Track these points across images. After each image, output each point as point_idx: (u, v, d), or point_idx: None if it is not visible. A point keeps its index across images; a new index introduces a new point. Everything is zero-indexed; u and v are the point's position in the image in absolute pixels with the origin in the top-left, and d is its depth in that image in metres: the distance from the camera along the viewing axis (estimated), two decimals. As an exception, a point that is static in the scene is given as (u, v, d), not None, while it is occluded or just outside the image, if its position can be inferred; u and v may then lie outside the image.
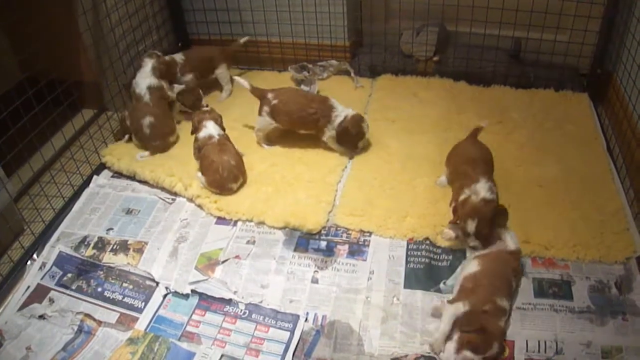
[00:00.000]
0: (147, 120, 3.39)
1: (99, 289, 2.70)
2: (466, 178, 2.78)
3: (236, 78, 3.63)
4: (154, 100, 3.49)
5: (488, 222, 2.60)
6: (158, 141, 3.44)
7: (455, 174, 2.95)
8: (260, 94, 3.44)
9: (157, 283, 2.70)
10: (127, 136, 3.58)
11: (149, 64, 3.56)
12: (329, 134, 3.34)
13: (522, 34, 3.82)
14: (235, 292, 2.63)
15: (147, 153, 3.42)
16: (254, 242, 2.89)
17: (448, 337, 2.31)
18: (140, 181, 3.31)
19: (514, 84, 3.92)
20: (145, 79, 3.52)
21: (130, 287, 2.71)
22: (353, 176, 3.23)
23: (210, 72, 4.00)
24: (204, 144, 3.19)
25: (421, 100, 3.85)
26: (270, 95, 3.40)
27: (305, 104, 3.35)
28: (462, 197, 2.72)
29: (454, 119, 3.63)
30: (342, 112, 3.32)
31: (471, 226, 2.59)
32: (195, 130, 3.26)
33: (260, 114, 3.42)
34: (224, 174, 3.09)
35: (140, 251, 2.88)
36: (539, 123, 3.57)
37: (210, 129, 3.23)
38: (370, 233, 2.89)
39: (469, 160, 2.90)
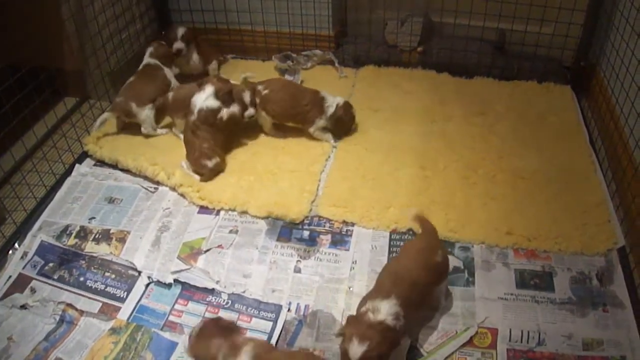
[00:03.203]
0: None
1: (81, 279, 2.69)
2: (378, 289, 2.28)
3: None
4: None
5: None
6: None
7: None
8: (250, 85, 3.43)
9: (140, 272, 2.69)
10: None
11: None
12: (318, 124, 3.35)
13: (506, 25, 3.83)
14: (217, 282, 2.63)
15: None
16: (236, 232, 2.88)
17: None
18: (122, 170, 3.28)
19: (498, 75, 3.93)
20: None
21: (113, 276, 2.69)
22: (336, 166, 3.24)
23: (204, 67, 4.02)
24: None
25: (405, 91, 3.85)
26: (260, 87, 3.40)
27: (298, 96, 3.37)
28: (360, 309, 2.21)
29: (438, 110, 3.64)
30: (332, 102, 3.35)
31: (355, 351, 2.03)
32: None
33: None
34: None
35: (122, 240, 2.87)
36: (521, 115, 3.58)
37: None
38: (354, 224, 2.89)
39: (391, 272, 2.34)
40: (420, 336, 2.36)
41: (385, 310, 2.10)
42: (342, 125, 3.42)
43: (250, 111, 3.35)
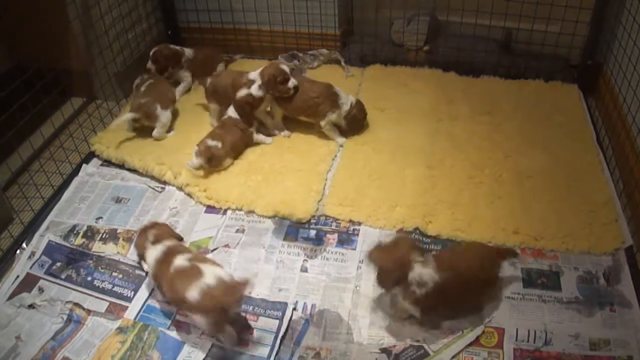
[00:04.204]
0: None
1: (89, 278, 2.69)
2: None
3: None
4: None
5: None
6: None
7: None
8: None
9: (147, 272, 2.69)
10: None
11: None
12: (330, 118, 3.34)
13: (513, 24, 3.82)
14: (224, 282, 2.63)
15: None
16: (243, 231, 2.89)
17: None
18: (129, 169, 3.29)
19: (505, 74, 3.92)
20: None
21: (120, 276, 2.70)
22: (343, 166, 3.23)
23: (208, 70, 3.97)
24: None
25: (411, 90, 3.84)
26: None
27: (307, 88, 3.37)
28: None
29: (444, 109, 3.63)
30: (346, 100, 3.35)
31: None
32: None
33: None
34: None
35: (129, 240, 2.87)
36: (528, 114, 3.57)
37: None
38: (360, 223, 2.89)
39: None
40: (427, 335, 2.36)
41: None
42: (356, 123, 3.42)
43: (294, 81, 3.33)
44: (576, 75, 3.87)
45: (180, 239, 2.65)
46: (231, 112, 3.36)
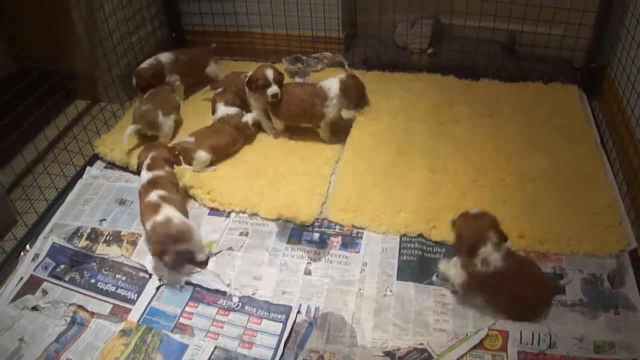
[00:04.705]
0: None
1: (92, 281, 2.70)
2: None
3: None
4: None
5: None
6: None
7: None
8: None
9: (150, 275, 2.70)
10: None
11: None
12: (327, 115, 3.34)
13: (516, 27, 3.82)
14: (228, 285, 2.63)
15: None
16: (247, 234, 2.89)
17: None
18: (133, 172, 3.29)
19: (508, 77, 3.92)
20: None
21: (124, 278, 2.70)
22: (345, 170, 3.23)
23: (198, 73, 3.98)
24: None
25: (414, 93, 3.84)
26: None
27: (299, 93, 3.37)
28: None
29: (446, 112, 3.63)
30: (332, 82, 3.33)
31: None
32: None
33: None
34: None
35: (133, 243, 2.88)
36: (529, 116, 3.57)
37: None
38: (363, 229, 2.89)
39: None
40: (431, 338, 2.36)
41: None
42: (356, 95, 3.34)
43: (274, 88, 3.32)
44: (580, 77, 3.86)
45: (177, 164, 3.16)
46: (221, 112, 3.43)
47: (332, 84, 3.32)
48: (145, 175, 2.91)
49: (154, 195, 2.77)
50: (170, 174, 3.01)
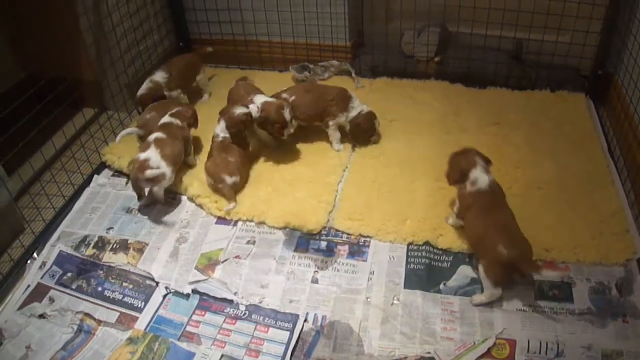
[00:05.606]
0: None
1: (99, 289, 2.70)
2: None
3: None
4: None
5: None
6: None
7: None
8: (275, 95, 3.43)
9: (158, 283, 2.70)
10: None
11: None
12: (339, 119, 3.37)
13: (523, 35, 3.82)
14: (235, 293, 2.63)
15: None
16: (254, 243, 2.89)
17: None
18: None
19: (516, 85, 3.91)
20: None
21: (131, 287, 2.71)
22: (352, 179, 3.23)
23: (193, 80, 3.96)
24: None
25: (420, 102, 3.84)
26: (285, 95, 3.42)
27: (325, 93, 3.41)
28: None
29: (452, 121, 3.63)
30: (358, 106, 3.38)
31: None
32: None
33: None
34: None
35: (140, 251, 2.88)
36: (536, 124, 3.56)
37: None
38: (370, 237, 2.89)
39: None
40: (439, 347, 2.36)
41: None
42: (360, 133, 3.41)
43: (291, 130, 3.27)
44: (587, 85, 3.85)
45: (193, 125, 3.40)
46: (219, 130, 3.23)
47: (357, 107, 3.40)
48: (162, 119, 3.26)
49: (152, 137, 3.08)
50: (182, 128, 3.25)
